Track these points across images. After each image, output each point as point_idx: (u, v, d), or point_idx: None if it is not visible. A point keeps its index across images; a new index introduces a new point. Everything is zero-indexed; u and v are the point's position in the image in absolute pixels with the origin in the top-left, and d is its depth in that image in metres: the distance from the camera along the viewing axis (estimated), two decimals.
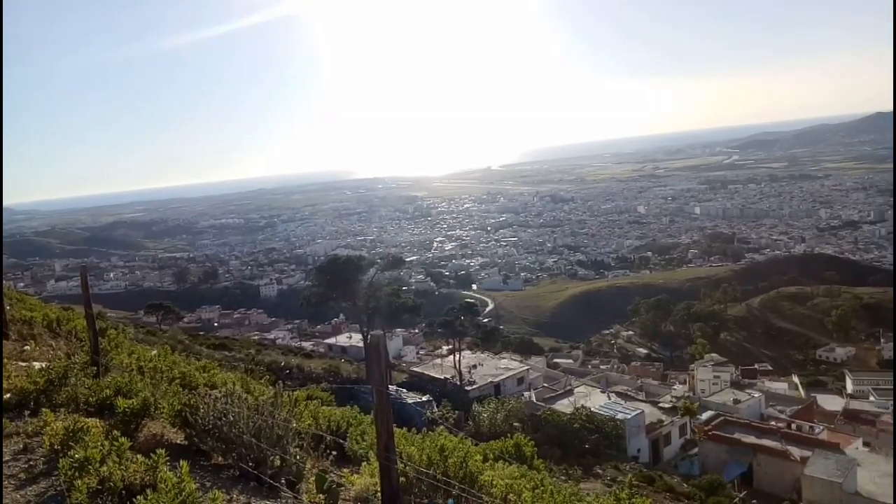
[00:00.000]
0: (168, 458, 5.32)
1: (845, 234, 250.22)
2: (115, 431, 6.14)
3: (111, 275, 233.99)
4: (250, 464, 6.15)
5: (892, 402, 68.12)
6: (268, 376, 28.12)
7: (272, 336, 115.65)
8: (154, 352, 11.90)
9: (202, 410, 6.65)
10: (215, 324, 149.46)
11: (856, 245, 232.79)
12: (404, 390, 39.87)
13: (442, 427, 7.06)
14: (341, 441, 7.09)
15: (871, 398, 71.45)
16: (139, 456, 5.52)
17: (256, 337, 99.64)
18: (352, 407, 10.66)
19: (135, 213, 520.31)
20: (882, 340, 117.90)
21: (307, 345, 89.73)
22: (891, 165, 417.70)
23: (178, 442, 7.06)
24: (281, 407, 6.51)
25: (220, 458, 6.62)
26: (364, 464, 6.77)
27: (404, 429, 7.78)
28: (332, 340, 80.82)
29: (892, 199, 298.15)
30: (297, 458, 6.26)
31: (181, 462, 5.11)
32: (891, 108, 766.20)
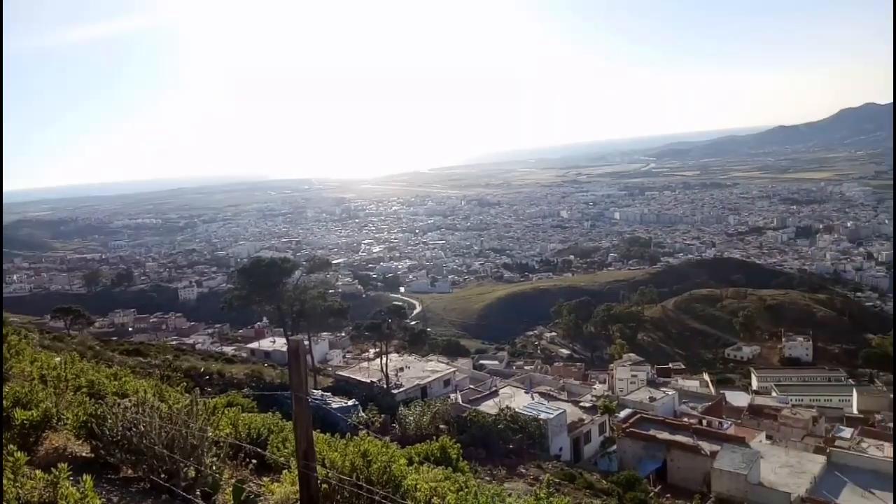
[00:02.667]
0: (71, 472, 5.00)
1: (751, 239, 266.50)
2: (11, 446, 5.72)
3: (14, 277, 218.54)
4: (162, 476, 5.87)
5: (856, 398, 73.00)
6: (185, 383, 26.97)
7: (191, 341, 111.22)
8: (58, 359, 11.17)
9: (110, 421, 6.29)
10: (130, 328, 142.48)
11: (761, 249, 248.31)
12: (329, 395, 39.21)
13: (365, 432, 6.99)
14: (260, 451, 6.88)
15: (774, 394, 76.48)
16: (38, 472, 5.15)
17: (174, 342, 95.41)
18: (274, 413, 10.38)
19: (41, 212, 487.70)
20: (784, 339, 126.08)
21: (229, 350, 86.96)
22: (791, 175, 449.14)
23: (84, 455, 6.66)
24: (197, 415, 6.23)
25: (129, 471, 6.28)
26: (285, 472, 6.60)
27: (327, 434, 7.65)
28: (254, 345, 78.62)
29: (794, 206, 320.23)
30: (214, 468, 6.03)
31: (85, 476, 4.81)
32: (790, 122, 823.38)
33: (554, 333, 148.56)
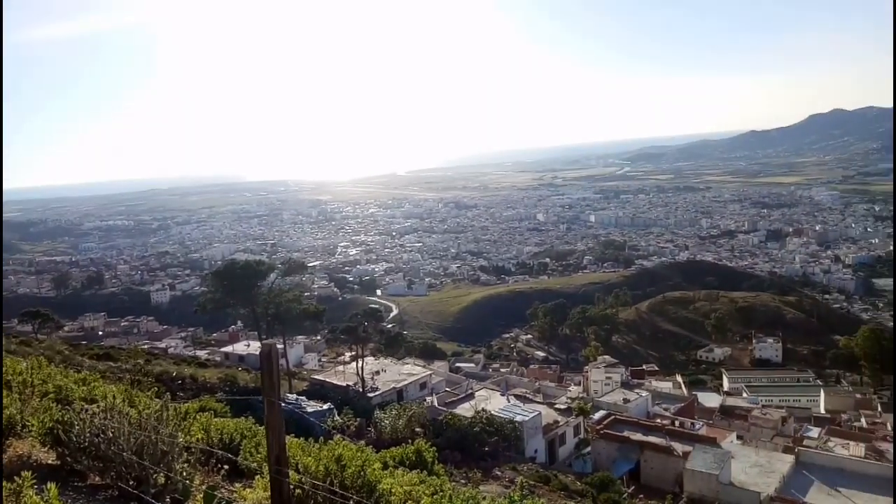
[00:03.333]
0: (36, 480, 4.90)
1: (723, 242, 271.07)
2: None
3: None
4: (131, 483, 5.78)
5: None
6: (156, 388, 26.56)
7: (164, 345, 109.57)
8: (24, 364, 10.91)
9: (77, 427, 6.17)
10: (100, 332, 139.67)
11: (732, 252, 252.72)
12: (304, 399, 38.91)
13: (340, 436, 6.96)
14: (231, 456, 6.81)
15: (745, 395, 77.77)
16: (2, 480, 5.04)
17: (146, 346, 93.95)
18: (247, 418, 10.28)
19: (10, 213, 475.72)
20: (754, 341, 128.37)
21: (202, 353, 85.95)
22: (762, 179, 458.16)
23: (50, 463, 6.52)
24: (167, 421, 6.15)
25: (97, 479, 6.17)
26: (257, 477, 6.55)
27: (301, 439, 7.60)
28: (228, 349, 77.69)
29: (765, 210, 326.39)
30: (184, 474, 5.95)
31: (49, 484, 4.72)
32: (761, 127, 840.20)
33: (530, 336, 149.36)
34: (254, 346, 67.57)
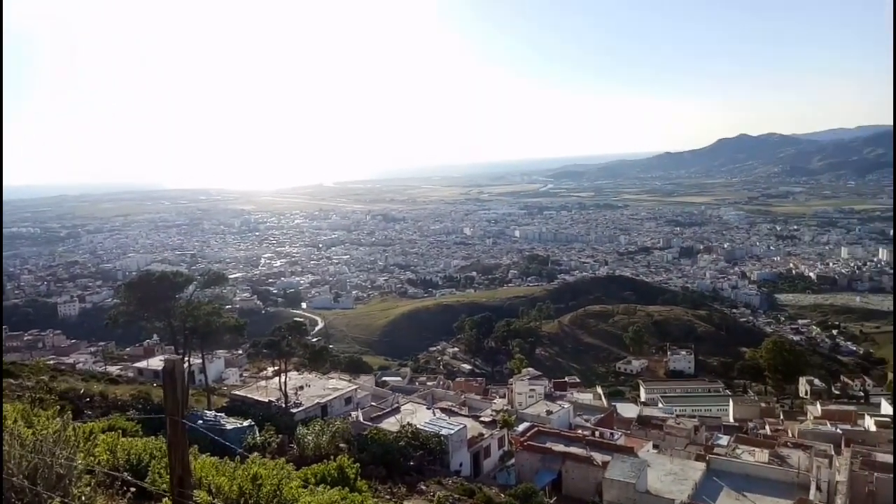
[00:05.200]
0: None
1: (640, 258, 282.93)
2: None
3: None
4: None
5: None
6: (60, 406, 24.85)
7: (71, 360, 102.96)
8: None
9: None
10: None
11: (648, 268, 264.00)
12: (224, 415, 37.45)
13: (257, 454, 6.71)
14: (132, 480, 6.40)
15: (660, 405, 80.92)
16: None
17: (52, 361, 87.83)
18: (158, 437, 9.77)
19: None
20: (669, 353, 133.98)
21: (114, 369, 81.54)
22: (676, 199, 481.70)
23: None
24: (67, 442, 5.73)
25: None
26: (165, 500, 6.20)
27: (216, 458, 7.28)
28: (142, 364, 73.89)
29: (678, 228, 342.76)
30: (83, 499, 5.55)
31: None
32: (675, 149, 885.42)
33: (456, 349, 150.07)
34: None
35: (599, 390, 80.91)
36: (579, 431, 42.84)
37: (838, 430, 50.41)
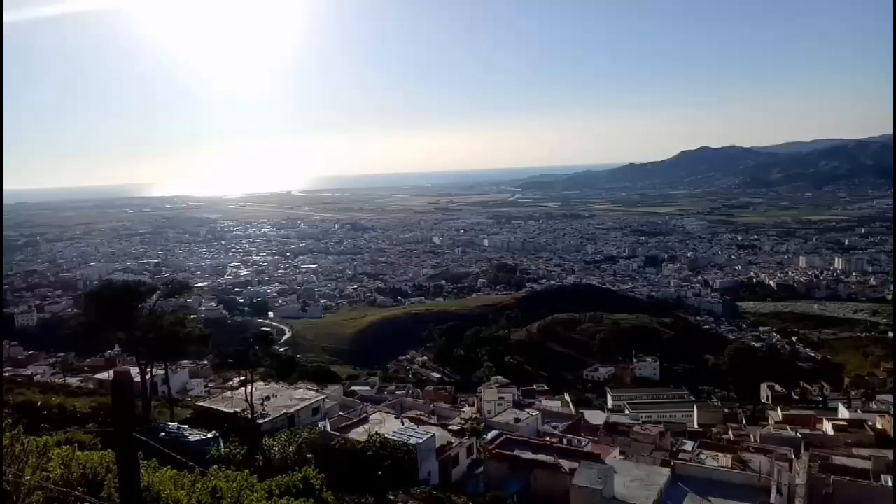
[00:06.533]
0: None
1: (606, 266, 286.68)
2: None
3: None
4: None
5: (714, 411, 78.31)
6: (10, 420, 24.06)
7: (29, 372, 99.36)
8: None
9: None
10: None
11: (615, 277, 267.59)
12: (187, 427, 36.71)
13: (216, 466, 6.57)
14: (80, 495, 6.22)
15: (627, 411, 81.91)
16: None
17: (9, 373, 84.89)
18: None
19: None
20: (635, 361, 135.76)
21: (73, 381, 79.03)
22: (641, 209, 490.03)
23: None
24: (17, 457, 5.53)
25: None
26: None
27: (175, 471, 7.11)
28: (104, 375, 71.99)
29: (643, 237, 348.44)
30: None
31: None
32: (639, 160, 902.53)
33: (426, 357, 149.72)
34: (133, 373, 62.85)
35: (567, 398, 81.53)
36: (547, 439, 43.01)
37: (798, 435, 51.68)
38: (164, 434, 31.94)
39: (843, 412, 69.58)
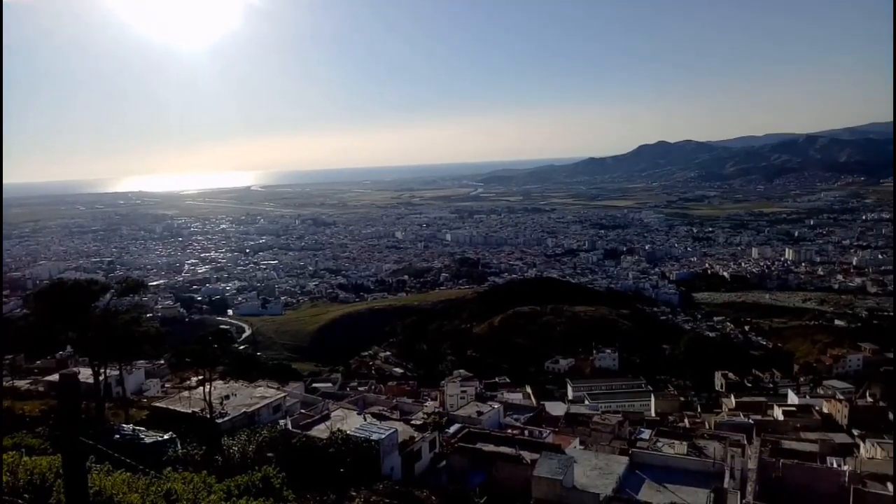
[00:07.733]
0: None
1: (567, 259, 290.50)
2: None
3: None
4: None
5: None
6: None
7: None
8: None
9: None
10: None
11: (575, 270, 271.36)
12: (143, 429, 35.92)
13: (170, 469, 6.51)
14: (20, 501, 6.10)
15: (586, 402, 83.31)
16: None
17: None
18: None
19: None
20: (595, 352, 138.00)
21: (22, 383, 76.18)
22: (600, 203, 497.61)
23: None
24: None
25: None
26: None
27: (129, 474, 7.00)
28: (54, 377, 69.63)
29: (603, 230, 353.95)
30: None
31: None
32: (599, 154, 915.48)
33: (389, 353, 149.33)
34: (85, 374, 61.05)
35: (529, 390, 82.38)
36: (509, 431, 43.53)
37: (750, 421, 53.47)
38: (118, 436, 31.17)
39: (792, 398, 72.29)
